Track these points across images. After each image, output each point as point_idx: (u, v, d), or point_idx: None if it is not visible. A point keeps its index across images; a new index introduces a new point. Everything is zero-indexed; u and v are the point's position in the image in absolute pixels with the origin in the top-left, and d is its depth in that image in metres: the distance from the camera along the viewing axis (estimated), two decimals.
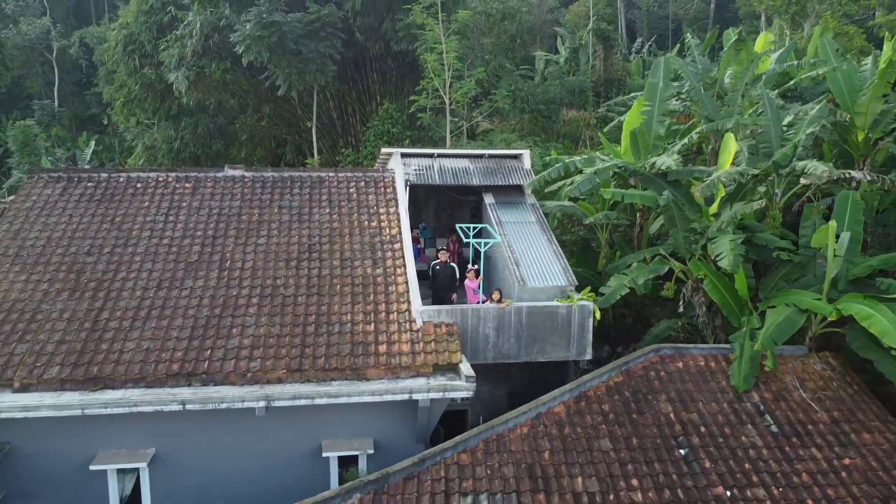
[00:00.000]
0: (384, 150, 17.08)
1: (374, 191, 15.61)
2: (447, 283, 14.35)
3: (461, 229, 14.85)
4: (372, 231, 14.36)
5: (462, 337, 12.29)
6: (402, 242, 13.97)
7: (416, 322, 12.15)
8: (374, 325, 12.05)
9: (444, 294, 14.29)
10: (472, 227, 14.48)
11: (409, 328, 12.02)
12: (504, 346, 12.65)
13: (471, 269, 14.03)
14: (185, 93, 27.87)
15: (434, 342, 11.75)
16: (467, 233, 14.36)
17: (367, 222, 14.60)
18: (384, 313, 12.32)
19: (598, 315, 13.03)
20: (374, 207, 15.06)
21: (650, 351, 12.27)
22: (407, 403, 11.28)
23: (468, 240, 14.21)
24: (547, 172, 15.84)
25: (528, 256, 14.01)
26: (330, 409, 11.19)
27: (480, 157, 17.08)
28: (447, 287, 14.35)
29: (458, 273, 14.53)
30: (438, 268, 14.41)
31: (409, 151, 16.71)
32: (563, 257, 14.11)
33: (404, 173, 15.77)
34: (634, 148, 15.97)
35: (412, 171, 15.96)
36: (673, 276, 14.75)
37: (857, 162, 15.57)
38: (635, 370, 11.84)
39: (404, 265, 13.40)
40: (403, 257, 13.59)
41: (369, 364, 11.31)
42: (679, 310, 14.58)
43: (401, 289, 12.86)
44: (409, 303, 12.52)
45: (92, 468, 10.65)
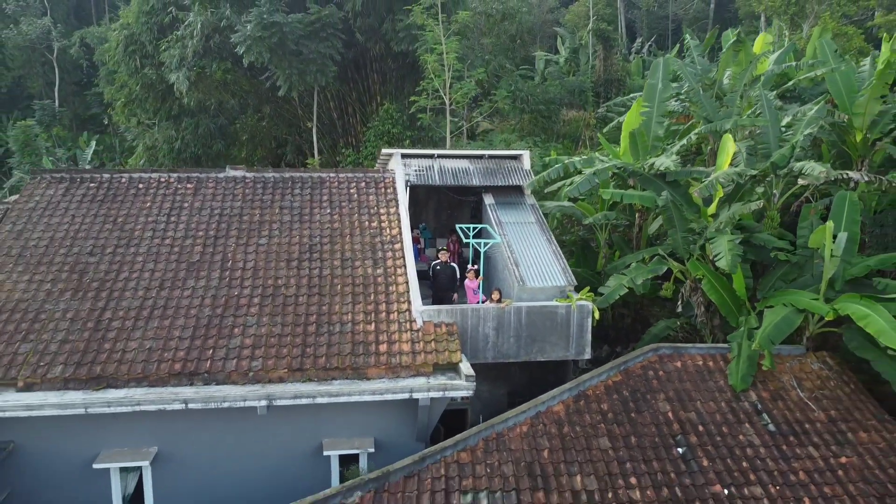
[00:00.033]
0: (384, 150, 17.13)
1: (375, 191, 15.69)
2: (447, 283, 14.42)
3: (461, 229, 14.92)
4: (372, 231, 14.44)
5: (462, 336, 12.36)
6: (402, 243, 14.04)
7: (416, 322, 12.23)
8: (375, 324, 12.13)
9: (444, 294, 14.35)
10: (471, 228, 14.54)
11: (409, 328, 12.09)
12: (504, 346, 12.72)
13: (471, 270, 14.10)
14: (186, 93, 27.92)
15: (434, 342, 11.82)
16: (467, 233, 14.43)
17: (367, 223, 14.68)
18: (385, 313, 12.40)
19: (597, 315, 13.11)
20: (375, 208, 15.13)
21: (649, 350, 12.35)
22: (407, 402, 11.36)
23: (468, 240, 14.27)
24: (546, 173, 15.90)
25: (528, 256, 14.07)
26: (331, 408, 11.29)
27: (480, 157, 17.14)
28: (447, 287, 14.41)
29: (458, 273, 14.60)
30: (439, 268, 14.48)
31: (409, 152, 16.76)
32: (563, 257, 14.18)
33: (404, 174, 15.83)
34: (633, 149, 16.04)
35: (412, 171, 16.02)
36: (671, 277, 14.82)
37: (856, 162, 15.65)
38: (634, 369, 11.93)
39: (405, 265, 13.48)
40: (404, 257, 13.67)
41: (370, 363, 11.39)
42: (677, 310, 14.64)
43: (401, 289, 12.94)
44: (410, 303, 12.60)
45: (95, 466, 10.73)
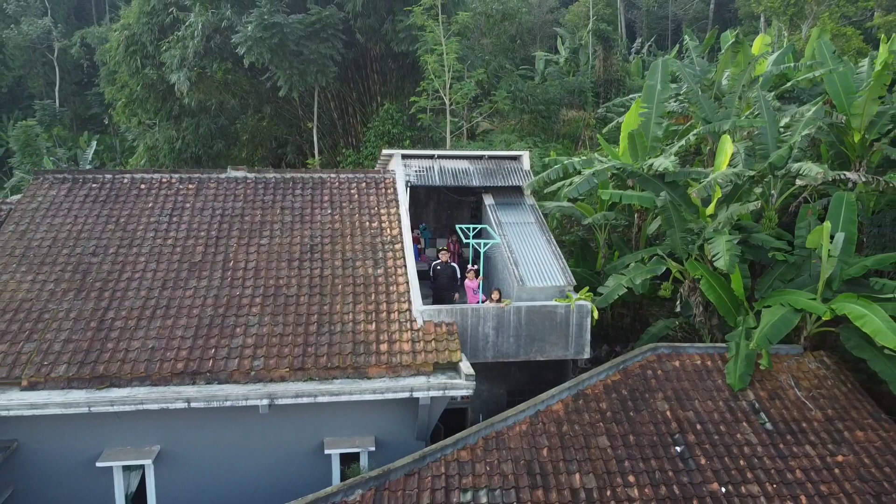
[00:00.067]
0: (385, 151, 17.21)
1: (375, 192, 15.77)
2: (448, 282, 14.50)
3: (461, 230, 15.00)
4: (373, 231, 14.52)
5: (462, 336, 12.44)
6: (402, 243, 14.12)
7: (416, 321, 12.31)
8: (376, 324, 12.21)
9: (444, 294, 14.43)
10: (471, 228, 14.63)
11: (409, 327, 12.17)
12: (503, 346, 12.80)
13: (471, 269, 14.18)
14: (187, 93, 27.96)
15: (434, 341, 11.90)
16: (467, 233, 14.51)
17: (368, 223, 14.76)
18: (385, 313, 12.48)
19: (597, 314, 13.17)
20: (375, 208, 15.21)
21: (647, 350, 12.43)
22: (408, 401, 11.45)
23: (468, 240, 14.35)
24: (546, 174, 15.95)
25: (527, 257, 14.15)
26: (332, 407, 11.38)
27: (480, 158, 17.21)
28: (448, 287, 14.49)
29: (458, 273, 14.68)
30: (439, 268, 14.57)
31: (409, 153, 16.84)
32: (562, 257, 14.26)
33: (405, 174, 15.90)
34: (632, 149, 16.10)
35: (413, 172, 16.10)
36: (670, 277, 14.91)
37: (853, 163, 15.72)
38: (633, 369, 12.01)
39: (405, 265, 13.56)
40: (404, 257, 13.75)
41: (371, 363, 11.47)
42: (676, 309, 14.73)
43: (401, 289, 13.02)
44: (410, 302, 12.68)
45: (98, 465, 10.82)
